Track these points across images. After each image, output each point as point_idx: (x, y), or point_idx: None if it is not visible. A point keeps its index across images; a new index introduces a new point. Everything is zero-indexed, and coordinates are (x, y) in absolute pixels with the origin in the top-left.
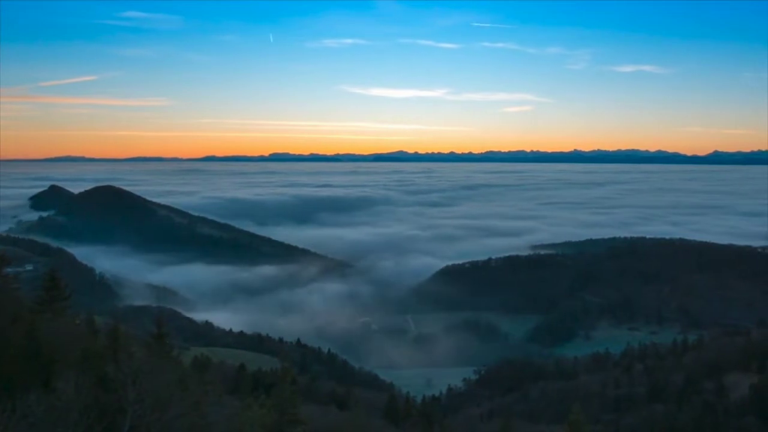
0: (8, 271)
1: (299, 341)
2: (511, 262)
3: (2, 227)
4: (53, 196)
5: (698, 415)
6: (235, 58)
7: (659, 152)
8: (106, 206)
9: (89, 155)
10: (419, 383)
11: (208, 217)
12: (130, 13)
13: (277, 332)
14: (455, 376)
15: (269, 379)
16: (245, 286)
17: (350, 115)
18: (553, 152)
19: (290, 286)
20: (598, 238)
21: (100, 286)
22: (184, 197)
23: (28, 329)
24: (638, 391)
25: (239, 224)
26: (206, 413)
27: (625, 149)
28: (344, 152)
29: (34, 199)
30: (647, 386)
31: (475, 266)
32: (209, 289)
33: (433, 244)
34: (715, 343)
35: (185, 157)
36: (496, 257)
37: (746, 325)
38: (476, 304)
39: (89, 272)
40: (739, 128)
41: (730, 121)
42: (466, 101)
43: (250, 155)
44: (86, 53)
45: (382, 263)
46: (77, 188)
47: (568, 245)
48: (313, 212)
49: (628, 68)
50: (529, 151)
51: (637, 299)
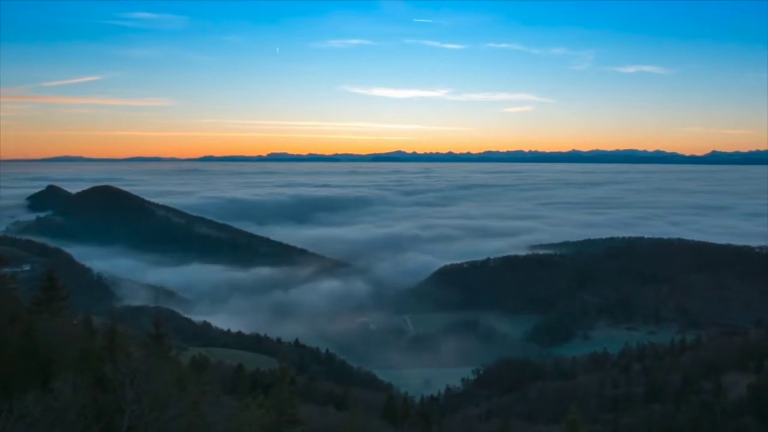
0: (6, 271)
1: (297, 341)
2: (509, 262)
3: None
4: (51, 196)
5: (696, 414)
6: (238, 58)
7: (657, 152)
8: (103, 206)
9: (87, 155)
10: (417, 383)
11: (206, 217)
12: (137, 14)
13: (275, 332)
14: (453, 376)
15: (267, 379)
16: (243, 286)
17: (351, 115)
18: (551, 152)
19: (288, 286)
20: (596, 238)
21: (97, 286)
22: (181, 197)
23: (25, 329)
24: (636, 391)
25: (237, 224)
26: (204, 413)
27: (623, 149)
28: (343, 152)
29: (31, 199)
30: (645, 386)
31: (473, 266)
32: (207, 289)
33: (431, 244)
34: (713, 343)
35: (183, 157)
36: (494, 257)
37: (744, 325)
38: (474, 304)
39: (87, 272)
40: (737, 128)
41: (728, 121)
42: (466, 101)
43: (248, 155)
44: (92, 54)
45: (380, 263)
46: (75, 188)
47: (566, 245)
48: (310, 212)
49: (630, 69)
50: (527, 151)
51: (635, 299)
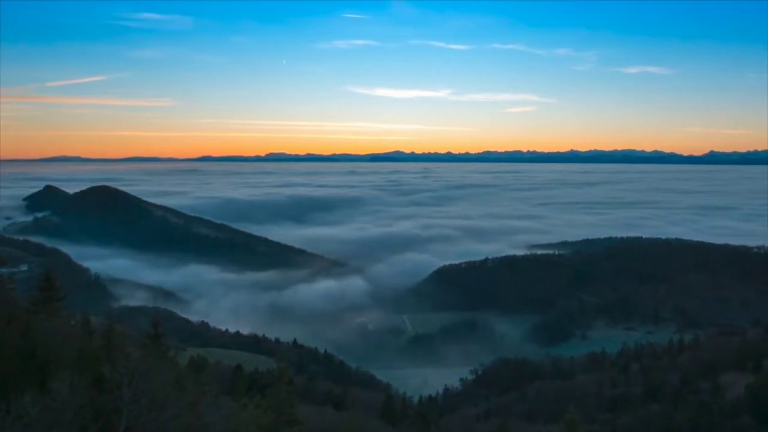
0: (3, 271)
1: (296, 341)
2: (507, 262)
3: None
4: (48, 196)
5: (694, 414)
6: (243, 58)
7: (656, 152)
8: (101, 206)
9: (85, 155)
10: (416, 383)
11: (203, 217)
12: (145, 14)
13: (273, 332)
14: (452, 376)
15: (266, 379)
16: (241, 286)
17: (352, 115)
18: (549, 152)
19: (286, 286)
20: (594, 238)
21: (95, 286)
22: (179, 197)
23: (23, 330)
24: (634, 390)
25: (235, 224)
26: (202, 414)
27: (621, 149)
28: (341, 153)
29: (29, 199)
30: (643, 386)
31: (471, 266)
32: (205, 289)
33: (429, 244)
34: (710, 342)
35: (182, 157)
36: (492, 257)
37: (742, 324)
38: (473, 304)
39: (84, 273)
40: (735, 128)
41: (727, 121)
42: (468, 102)
43: (246, 155)
44: (98, 54)
45: (378, 263)
46: (72, 188)
47: (564, 245)
48: (307, 212)
49: (632, 69)
50: (525, 151)
51: (633, 299)
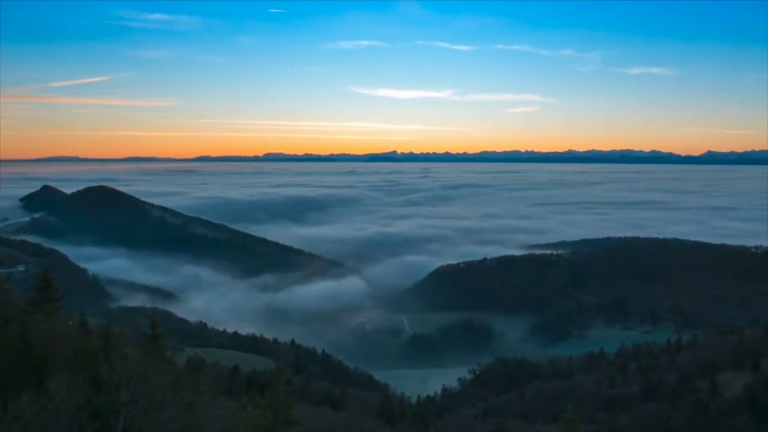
0: (0, 271)
1: (294, 342)
2: (505, 262)
3: None
4: (46, 196)
5: (692, 414)
6: (247, 59)
7: (653, 152)
8: (99, 206)
9: (83, 155)
10: (414, 383)
11: (201, 217)
12: (153, 15)
13: (271, 333)
14: (450, 376)
15: (264, 379)
16: (239, 286)
17: (353, 115)
18: (547, 152)
19: (284, 286)
20: (592, 237)
21: (93, 286)
22: (177, 198)
23: (20, 330)
24: (632, 390)
25: (233, 225)
26: (200, 414)
27: (619, 149)
28: (339, 153)
29: (26, 199)
30: (641, 385)
31: (469, 266)
32: (203, 289)
33: (427, 244)
34: (708, 342)
35: (180, 157)
36: (490, 257)
37: (740, 324)
38: (471, 304)
39: (82, 273)
40: (732, 128)
41: (724, 121)
42: (470, 102)
43: (244, 155)
44: (102, 54)
45: (376, 263)
46: (70, 188)
47: (562, 245)
48: (305, 212)
49: (634, 70)
50: (524, 151)
51: (631, 299)
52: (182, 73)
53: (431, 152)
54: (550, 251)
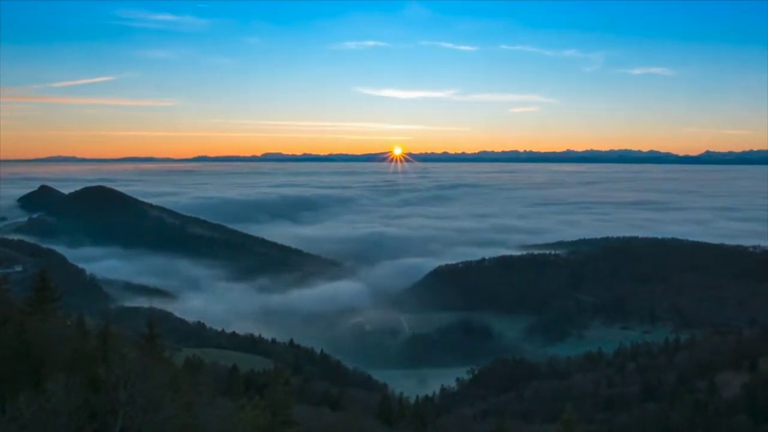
0: None
1: (292, 342)
2: (504, 262)
3: None
4: (43, 196)
5: (690, 413)
6: (251, 59)
7: (652, 152)
8: (96, 207)
9: (81, 155)
10: (412, 383)
11: (199, 217)
12: (160, 15)
13: (269, 333)
14: (448, 376)
15: (262, 379)
16: (237, 286)
17: (353, 115)
18: (546, 152)
19: (283, 286)
20: (590, 237)
21: (90, 287)
22: (175, 198)
23: (18, 330)
24: (631, 390)
25: (231, 225)
26: (198, 414)
27: (618, 149)
28: (338, 152)
29: (23, 199)
30: (640, 385)
31: (468, 266)
32: (201, 289)
33: (426, 244)
34: (707, 342)
35: (178, 157)
36: (489, 257)
37: (738, 324)
38: (469, 304)
39: (80, 273)
40: (731, 129)
41: (723, 121)
42: (472, 102)
43: (242, 155)
44: (106, 55)
45: (374, 263)
46: (68, 189)
47: (560, 245)
48: (303, 212)
49: (636, 71)
50: (522, 151)
51: (629, 299)
52: (185, 73)
53: (430, 152)
54: (548, 251)
